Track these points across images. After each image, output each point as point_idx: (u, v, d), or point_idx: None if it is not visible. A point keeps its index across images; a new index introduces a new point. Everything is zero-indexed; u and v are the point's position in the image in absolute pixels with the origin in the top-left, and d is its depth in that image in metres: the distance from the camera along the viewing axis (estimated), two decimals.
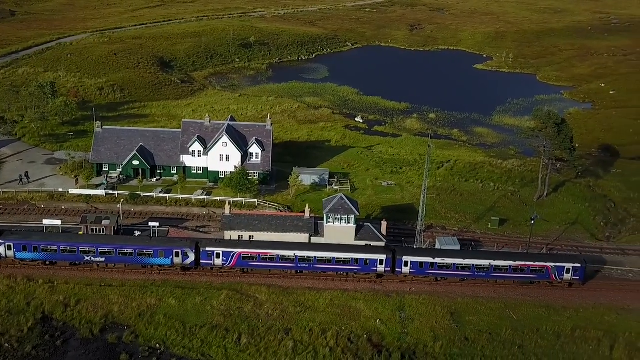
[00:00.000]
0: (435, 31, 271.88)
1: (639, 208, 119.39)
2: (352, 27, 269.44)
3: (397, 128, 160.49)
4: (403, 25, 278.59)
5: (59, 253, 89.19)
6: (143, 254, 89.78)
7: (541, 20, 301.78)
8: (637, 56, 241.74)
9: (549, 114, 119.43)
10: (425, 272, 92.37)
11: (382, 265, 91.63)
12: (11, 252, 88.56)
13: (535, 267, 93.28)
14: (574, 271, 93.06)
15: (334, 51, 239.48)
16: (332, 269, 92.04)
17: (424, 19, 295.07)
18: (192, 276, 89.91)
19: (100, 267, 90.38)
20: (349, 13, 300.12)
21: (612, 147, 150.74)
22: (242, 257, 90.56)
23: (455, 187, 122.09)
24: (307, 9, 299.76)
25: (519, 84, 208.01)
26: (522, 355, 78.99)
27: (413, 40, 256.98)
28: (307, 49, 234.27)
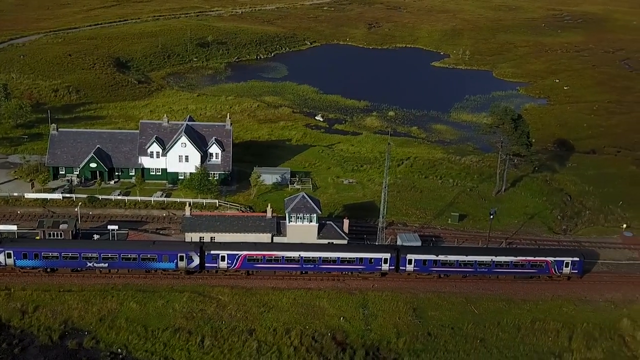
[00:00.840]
0: (393, 29, 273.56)
1: (594, 201, 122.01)
2: (311, 25, 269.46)
3: (357, 126, 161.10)
4: (361, 24, 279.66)
5: (61, 260, 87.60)
6: (147, 259, 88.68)
7: (496, 17, 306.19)
8: (589, 52, 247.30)
9: (505, 110, 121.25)
10: (428, 269, 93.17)
11: (387, 263, 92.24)
12: (11, 260, 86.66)
13: (535, 261, 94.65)
14: (573, 265, 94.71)
15: (293, 50, 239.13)
16: (337, 268, 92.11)
17: (381, 17, 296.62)
18: (154, 279, 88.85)
19: (102, 273, 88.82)
20: (306, 11, 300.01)
21: (567, 142, 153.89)
22: (247, 259, 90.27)
23: (415, 183, 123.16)
24: (264, 8, 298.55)
25: (475, 80, 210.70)
26: (484, 349, 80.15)
27: (371, 39, 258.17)
28: (266, 48, 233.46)
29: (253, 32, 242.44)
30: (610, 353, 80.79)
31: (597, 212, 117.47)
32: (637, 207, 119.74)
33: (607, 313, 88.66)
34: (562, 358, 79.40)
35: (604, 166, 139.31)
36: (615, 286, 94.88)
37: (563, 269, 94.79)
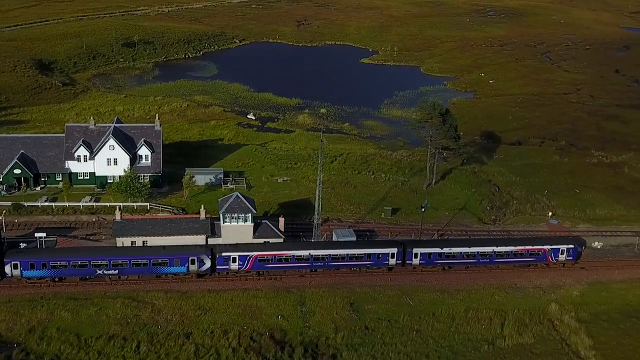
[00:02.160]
0: (322, 26, 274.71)
1: (520, 191, 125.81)
2: (239, 23, 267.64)
3: (289, 124, 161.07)
4: (290, 21, 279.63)
5: (69, 269, 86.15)
6: (158, 264, 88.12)
7: (422, 13, 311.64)
8: (512, 46, 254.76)
9: (433, 105, 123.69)
10: (434, 262, 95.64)
11: (394, 258, 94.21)
12: (17, 271, 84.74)
13: (534, 250, 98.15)
14: (568, 252, 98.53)
15: (222, 48, 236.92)
16: (346, 265, 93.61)
17: (310, 14, 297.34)
18: (85, 286, 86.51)
19: (112, 280, 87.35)
20: (235, 9, 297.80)
21: (494, 134, 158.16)
22: (259, 260, 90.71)
23: (348, 179, 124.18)
24: (192, 6, 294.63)
25: (404, 76, 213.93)
26: (420, 339, 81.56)
27: (301, 36, 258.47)
28: (194, 47, 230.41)
29: (181, 30, 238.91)
30: (540, 337, 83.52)
31: (524, 202, 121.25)
32: (562, 195, 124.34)
33: (536, 299, 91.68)
34: (495, 344, 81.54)
35: (529, 157, 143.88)
36: (543, 273, 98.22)
37: (559, 256, 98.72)
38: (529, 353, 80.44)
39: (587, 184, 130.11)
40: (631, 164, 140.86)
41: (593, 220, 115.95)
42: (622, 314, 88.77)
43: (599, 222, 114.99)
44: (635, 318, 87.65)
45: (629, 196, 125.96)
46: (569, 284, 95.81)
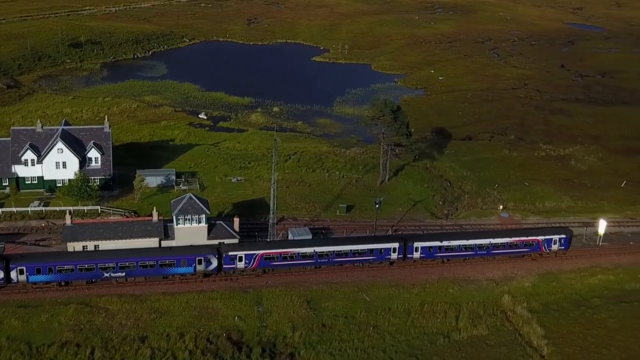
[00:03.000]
0: (273, 25, 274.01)
1: (472, 185, 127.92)
2: (188, 22, 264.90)
3: (242, 123, 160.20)
4: (240, 20, 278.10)
5: (76, 272, 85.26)
6: (165, 265, 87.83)
7: (372, 10, 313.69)
8: (460, 42, 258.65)
9: (385, 102, 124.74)
10: (433, 255, 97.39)
11: (395, 253, 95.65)
12: (23, 277, 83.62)
13: (528, 241, 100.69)
14: (560, 242, 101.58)
15: (171, 47, 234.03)
16: (350, 261, 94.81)
17: (260, 13, 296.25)
18: (35, 293, 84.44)
19: (119, 282, 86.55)
20: (183, 8, 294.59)
21: (445, 130, 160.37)
22: (265, 258, 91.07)
23: (303, 178, 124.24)
24: (140, 6, 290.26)
25: (356, 74, 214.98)
26: (377, 335, 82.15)
27: (251, 35, 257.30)
28: (143, 47, 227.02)
29: (129, 30, 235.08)
30: (494, 328, 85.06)
31: (475, 196, 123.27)
32: (512, 188, 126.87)
33: (489, 291, 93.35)
34: (450, 337, 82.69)
35: (479, 151, 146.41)
36: (496, 265, 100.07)
37: (552, 246, 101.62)
38: (484, 344, 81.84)
39: (536, 177, 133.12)
40: (577, 157, 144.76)
41: (542, 212, 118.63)
42: (572, 303, 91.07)
43: (548, 214, 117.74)
44: (584, 307, 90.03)
45: (576, 188, 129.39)
46: (520, 275, 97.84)
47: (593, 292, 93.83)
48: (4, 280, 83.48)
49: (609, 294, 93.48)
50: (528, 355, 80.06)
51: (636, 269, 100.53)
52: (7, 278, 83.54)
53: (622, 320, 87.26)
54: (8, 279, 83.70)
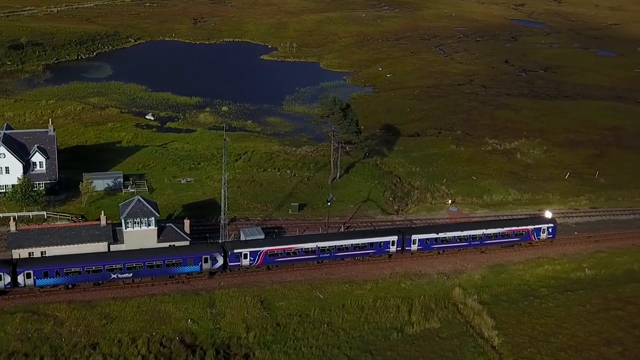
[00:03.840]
0: (219, 24, 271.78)
1: (421, 180, 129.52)
2: (133, 22, 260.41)
3: (190, 123, 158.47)
4: (186, 19, 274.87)
5: (84, 274, 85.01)
6: (172, 264, 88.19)
7: (319, 8, 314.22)
8: (407, 40, 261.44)
9: (334, 100, 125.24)
10: (430, 247, 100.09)
11: (394, 245, 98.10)
12: (31, 280, 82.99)
13: (519, 231, 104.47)
14: (548, 231, 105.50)
15: (116, 48, 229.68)
16: (351, 255, 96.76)
17: (206, 11, 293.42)
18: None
19: (126, 283, 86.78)
20: (128, 8, 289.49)
21: (394, 127, 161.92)
22: (269, 255, 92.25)
23: (254, 177, 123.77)
24: (82, 6, 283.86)
25: (304, 72, 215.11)
26: (331, 332, 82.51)
27: (198, 34, 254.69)
28: (87, 47, 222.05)
29: (72, 31, 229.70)
30: (446, 321, 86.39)
31: (424, 191, 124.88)
32: (460, 183, 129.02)
33: (440, 284, 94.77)
34: (403, 331, 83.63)
35: (427, 147, 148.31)
36: (446, 259, 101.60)
37: (541, 235, 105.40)
38: (436, 337, 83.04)
39: (483, 171, 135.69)
40: (523, 150, 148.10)
41: (490, 205, 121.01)
42: (521, 293, 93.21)
43: (496, 207, 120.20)
44: (532, 297, 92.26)
45: (522, 181, 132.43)
46: (470, 268, 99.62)
47: (540, 282, 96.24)
48: (11, 285, 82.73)
49: (555, 284, 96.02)
50: (479, 347, 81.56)
51: (581, 258, 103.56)
52: (14, 282, 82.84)
53: (568, 308, 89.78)
54: (15, 283, 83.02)
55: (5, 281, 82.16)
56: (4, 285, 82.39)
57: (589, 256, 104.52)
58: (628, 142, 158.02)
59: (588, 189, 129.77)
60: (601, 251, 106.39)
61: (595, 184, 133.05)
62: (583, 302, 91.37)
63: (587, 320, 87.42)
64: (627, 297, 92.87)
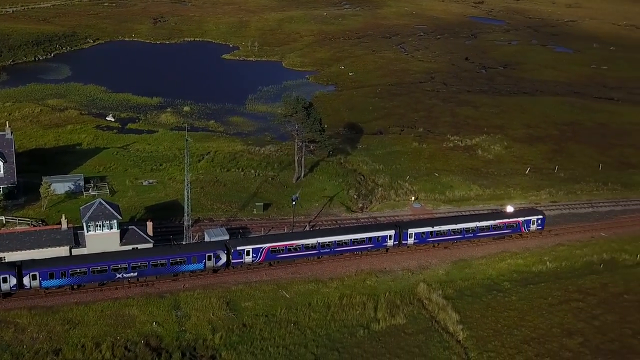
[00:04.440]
0: (180, 23, 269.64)
1: (384, 178, 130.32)
2: (92, 22, 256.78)
3: (152, 124, 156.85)
4: (146, 19, 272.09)
5: (89, 275, 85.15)
6: (176, 262, 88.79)
7: (280, 7, 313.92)
8: (369, 38, 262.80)
9: (297, 99, 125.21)
10: (426, 240, 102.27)
11: (391, 239, 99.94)
12: (36, 282, 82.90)
13: (510, 223, 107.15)
14: (537, 222, 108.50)
15: (75, 49, 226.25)
16: (350, 249, 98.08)
17: (166, 11, 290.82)
18: None
19: (131, 282, 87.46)
20: (86, 8, 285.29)
21: (357, 125, 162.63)
22: (271, 251, 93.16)
23: (217, 178, 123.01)
24: (39, 6, 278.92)
25: (267, 71, 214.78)
26: (298, 331, 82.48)
27: (158, 34, 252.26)
28: (44, 48, 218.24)
29: (28, 32, 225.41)
30: (411, 317, 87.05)
31: (388, 188, 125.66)
32: (423, 179, 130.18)
33: (405, 280, 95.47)
34: (370, 328, 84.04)
35: (390, 145, 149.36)
36: (410, 255, 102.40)
37: (530, 226, 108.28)
38: (402, 333, 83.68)
39: (445, 168, 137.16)
40: (484, 146, 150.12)
41: (452, 201, 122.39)
42: (484, 287, 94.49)
43: (458, 203, 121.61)
44: (495, 291, 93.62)
45: (484, 176, 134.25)
46: (434, 264, 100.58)
47: (503, 276, 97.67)
48: (17, 287, 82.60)
49: (518, 277, 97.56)
50: (445, 341, 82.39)
51: (542, 252, 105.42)
52: (19, 284, 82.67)
53: (530, 301, 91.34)
54: (20, 285, 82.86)
55: (11, 283, 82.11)
56: (10, 287, 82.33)
57: (550, 249, 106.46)
58: (585, 137, 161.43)
59: (548, 183, 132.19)
60: (562, 244, 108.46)
61: (554, 178, 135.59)
62: (545, 294, 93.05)
63: (549, 313, 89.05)
64: (587, 289, 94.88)
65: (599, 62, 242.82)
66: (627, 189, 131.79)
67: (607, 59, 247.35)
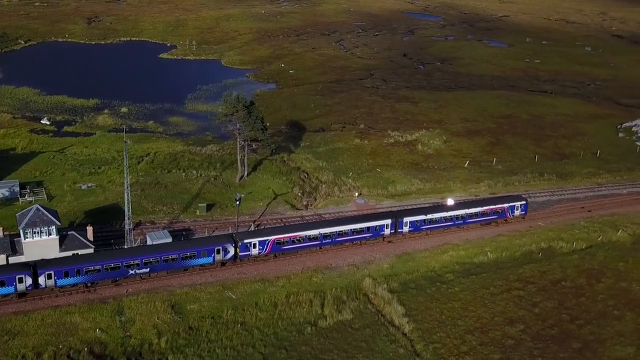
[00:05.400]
0: (115, 23, 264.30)
1: (328, 175, 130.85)
2: (22, 23, 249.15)
3: (89, 126, 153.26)
4: (79, 19, 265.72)
5: (103, 272, 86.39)
6: (187, 257, 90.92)
7: (218, 5, 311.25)
8: (308, 35, 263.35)
9: (237, 98, 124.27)
10: (420, 228, 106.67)
11: (389, 228, 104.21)
12: (51, 281, 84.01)
13: (496, 209, 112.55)
14: (521, 208, 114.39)
15: (5, 50, 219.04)
16: (350, 239, 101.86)
17: (101, 10, 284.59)
18: None
19: (143, 278, 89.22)
20: (16, 8, 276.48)
21: (299, 123, 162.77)
22: (276, 243, 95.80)
23: (158, 179, 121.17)
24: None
25: (206, 70, 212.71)
26: (245, 331, 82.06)
27: (93, 34, 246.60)
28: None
29: None
30: (358, 312, 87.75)
31: (332, 185, 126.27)
32: (365, 175, 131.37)
33: (350, 276, 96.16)
34: (317, 325, 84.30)
35: (332, 142, 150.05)
36: (355, 250, 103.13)
37: (515, 212, 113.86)
38: (349, 329, 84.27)
39: (387, 163, 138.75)
40: (423, 141, 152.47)
41: (395, 196, 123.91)
42: (428, 279, 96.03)
43: (400, 198, 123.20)
44: (439, 282, 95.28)
45: (424, 171, 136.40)
46: (379, 258, 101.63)
47: (446, 268, 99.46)
48: (32, 286, 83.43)
49: (460, 269, 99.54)
50: (391, 335, 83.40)
51: (483, 243, 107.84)
52: (35, 283, 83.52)
53: (473, 292, 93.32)
54: (36, 284, 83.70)
55: (27, 283, 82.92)
56: (25, 287, 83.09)
57: (490, 240, 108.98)
58: (521, 129, 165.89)
59: (487, 175, 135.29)
60: (502, 235, 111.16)
61: (493, 170, 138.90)
62: (487, 284, 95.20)
63: (491, 302, 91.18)
64: (527, 277, 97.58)
65: (532, 56, 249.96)
66: (562, 179, 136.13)
67: (539, 53, 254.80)
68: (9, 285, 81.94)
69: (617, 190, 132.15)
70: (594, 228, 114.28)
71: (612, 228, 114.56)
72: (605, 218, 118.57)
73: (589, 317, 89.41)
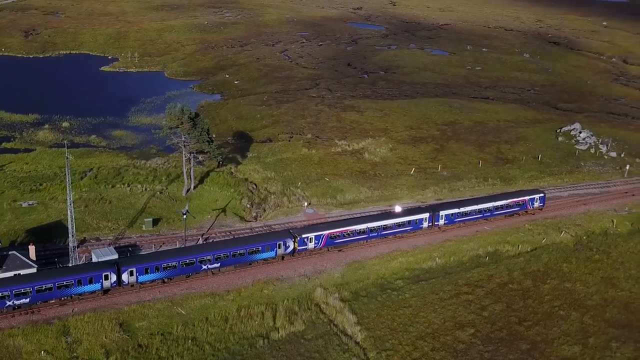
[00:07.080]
0: (54, 35, 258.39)
1: (276, 185, 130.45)
2: None
3: (28, 142, 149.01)
4: (16, 32, 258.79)
5: (179, 268, 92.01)
6: (253, 252, 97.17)
7: (159, 17, 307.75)
8: (252, 46, 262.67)
9: (182, 110, 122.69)
10: (453, 221, 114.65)
11: (427, 222, 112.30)
12: (133, 278, 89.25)
13: (519, 202, 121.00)
14: (540, 200, 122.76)
15: None
16: (393, 232, 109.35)
17: (38, 23, 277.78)
18: None
19: (213, 273, 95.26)
20: None
21: (246, 133, 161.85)
22: (330, 237, 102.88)
23: (102, 195, 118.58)
24: None
25: (149, 82, 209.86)
26: (196, 347, 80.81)
27: (30, 47, 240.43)
28: None
29: None
30: (310, 322, 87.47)
31: (281, 196, 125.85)
32: (314, 185, 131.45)
33: (302, 287, 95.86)
34: (269, 338, 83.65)
35: (280, 152, 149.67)
36: (305, 261, 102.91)
37: (535, 204, 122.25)
38: (302, 340, 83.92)
39: (334, 172, 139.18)
40: (370, 150, 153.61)
41: (344, 204, 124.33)
42: (378, 287, 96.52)
43: (349, 206, 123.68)
44: (389, 289, 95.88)
45: (372, 179, 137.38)
46: (330, 267, 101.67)
47: (396, 275, 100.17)
48: (116, 283, 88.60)
49: (410, 275, 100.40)
50: (344, 344, 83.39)
51: (431, 249, 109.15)
52: (119, 281, 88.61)
53: (423, 297, 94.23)
54: (119, 282, 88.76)
55: (112, 280, 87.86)
56: (110, 284, 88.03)
57: (438, 246, 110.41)
58: (465, 136, 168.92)
59: (432, 182, 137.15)
60: (449, 240, 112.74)
61: (438, 177, 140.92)
62: (436, 290, 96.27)
63: (441, 307, 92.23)
64: (475, 282, 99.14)
65: (473, 63, 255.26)
66: (505, 183, 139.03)
67: (480, 60, 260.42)
68: (96, 282, 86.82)
69: (558, 193, 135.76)
70: (538, 230, 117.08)
71: (555, 230, 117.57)
72: (548, 220, 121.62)
73: (536, 318, 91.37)
